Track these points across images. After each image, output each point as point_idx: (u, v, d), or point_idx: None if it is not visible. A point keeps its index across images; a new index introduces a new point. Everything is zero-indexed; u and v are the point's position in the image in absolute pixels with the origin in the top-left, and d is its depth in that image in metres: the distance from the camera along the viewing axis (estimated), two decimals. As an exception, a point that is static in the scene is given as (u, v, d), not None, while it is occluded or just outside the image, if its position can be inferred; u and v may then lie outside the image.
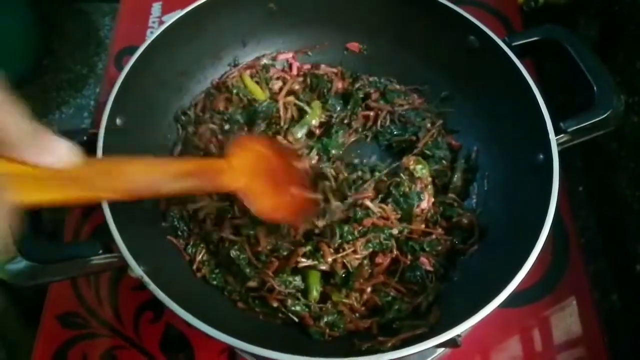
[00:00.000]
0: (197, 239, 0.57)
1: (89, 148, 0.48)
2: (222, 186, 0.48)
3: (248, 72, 0.68)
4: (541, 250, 0.47)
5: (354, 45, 0.71)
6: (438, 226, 0.59)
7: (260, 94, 0.66)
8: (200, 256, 0.56)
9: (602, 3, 0.79)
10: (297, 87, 0.68)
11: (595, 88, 0.53)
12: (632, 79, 0.69)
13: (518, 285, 0.45)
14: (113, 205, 0.46)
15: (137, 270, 0.43)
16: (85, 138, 0.50)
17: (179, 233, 0.58)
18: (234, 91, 0.65)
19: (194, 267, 0.56)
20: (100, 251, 0.45)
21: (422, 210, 0.59)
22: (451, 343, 0.44)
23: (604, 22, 0.78)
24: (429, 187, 0.60)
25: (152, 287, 0.43)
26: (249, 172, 0.49)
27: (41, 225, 0.46)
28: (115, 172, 0.39)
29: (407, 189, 0.58)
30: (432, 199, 0.60)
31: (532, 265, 0.46)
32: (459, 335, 0.43)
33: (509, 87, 0.57)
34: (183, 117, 0.64)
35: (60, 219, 0.69)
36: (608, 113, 0.51)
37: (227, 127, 0.63)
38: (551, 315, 0.62)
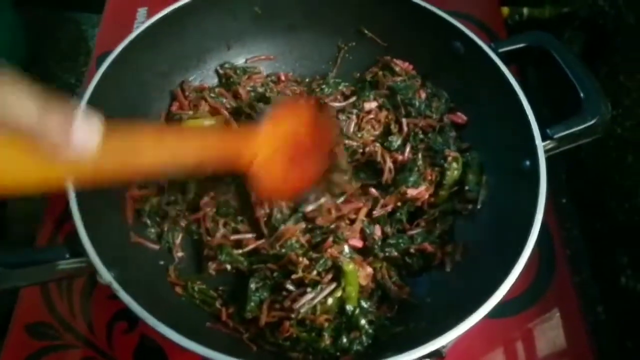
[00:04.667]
0: (172, 221, 0.57)
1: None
2: (240, 165, 0.45)
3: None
4: (528, 260, 0.46)
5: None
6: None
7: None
8: (179, 239, 0.55)
9: (587, 16, 0.80)
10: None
11: (582, 94, 0.53)
12: (615, 92, 0.69)
13: (504, 295, 0.44)
14: (83, 208, 0.44)
15: (105, 275, 0.41)
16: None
17: (150, 227, 0.57)
18: None
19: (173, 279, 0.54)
20: (67, 255, 0.43)
21: (408, 194, 0.58)
22: (436, 354, 0.42)
23: (588, 36, 0.79)
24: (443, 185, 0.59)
25: (122, 294, 0.41)
26: (273, 146, 0.47)
27: (6, 230, 0.44)
28: (127, 151, 0.35)
29: (415, 167, 0.59)
30: (427, 195, 0.59)
31: (519, 274, 0.45)
32: (443, 347, 0.42)
33: (495, 93, 0.56)
34: None
35: (33, 226, 0.67)
36: (596, 119, 0.51)
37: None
38: (537, 326, 0.61)
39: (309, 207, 0.56)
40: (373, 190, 0.59)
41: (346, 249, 0.53)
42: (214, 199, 0.58)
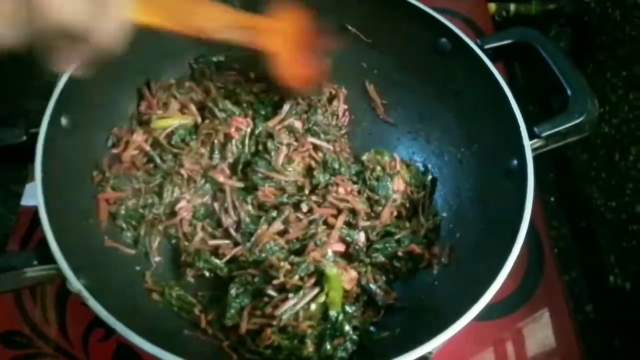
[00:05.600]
0: (149, 225, 0.55)
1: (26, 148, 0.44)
2: (261, 44, 0.54)
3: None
4: (515, 261, 0.45)
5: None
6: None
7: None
8: (156, 244, 0.54)
9: (573, 13, 0.79)
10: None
11: (569, 91, 0.52)
12: (602, 89, 0.69)
13: (492, 297, 0.43)
14: (52, 211, 0.42)
15: (75, 283, 0.39)
16: (24, 138, 0.46)
17: (126, 231, 0.55)
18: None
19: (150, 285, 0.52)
20: (36, 262, 0.41)
21: (395, 190, 0.59)
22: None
23: (575, 33, 0.79)
24: (402, 171, 0.61)
25: (92, 302, 0.39)
26: (286, 37, 0.56)
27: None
28: (194, 11, 0.47)
29: (380, 173, 0.60)
30: (404, 184, 0.60)
31: (507, 275, 0.44)
32: (430, 353, 0.40)
33: (481, 91, 0.55)
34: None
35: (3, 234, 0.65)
36: (583, 117, 0.50)
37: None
38: (526, 327, 0.61)
39: (276, 225, 0.55)
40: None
41: (330, 252, 0.51)
42: (190, 202, 0.56)
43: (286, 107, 0.63)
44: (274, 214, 0.56)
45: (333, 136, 0.65)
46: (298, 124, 0.63)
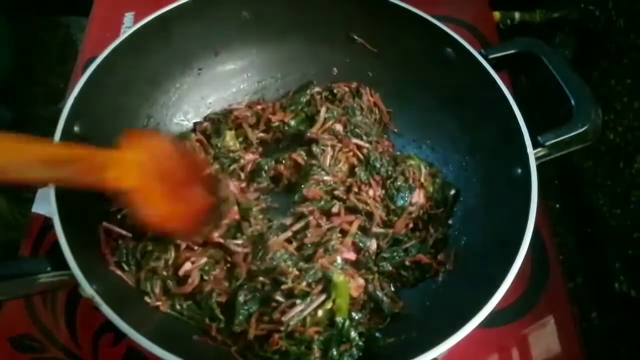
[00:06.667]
0: (150, 272, 0.52)
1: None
2: (105, 182, 0.42)
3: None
4: (520, 268, 0.45)
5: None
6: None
7: None
8: (158, 289, 0.51)
9: (578, 21, 0.80)
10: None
11: (572, 101, 0.52)
12: (607, 97, 0.69)
13: (497, 304, 0.43)
14: (66, 219, 0.43)
15: (88, 289, 0.40)
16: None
17: (127, 271, 0.52)
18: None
19: (154, 302, 0.51)
20: (49, 268, 0.42)
21: (413, 203, 0.59)
22: (428, 366, 0.42)
23: (579, 40, 0.79)
24: (425, 184, 0.60)
25: (104, 308, 0.40)
26: (142, 169, 0.45)
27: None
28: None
29: (401, 183, 0.59)
30: (425, 198, 0.60)
31: (512, 282, 0.44)
32: (435, 359, 0.41)
33: (485, 100, 0.56)
34: None
35: (16, 238, 0.65)
36: (586, 127, 0.51)
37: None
38: (531, 334, 0.61)
39: (296, 227, 0.55)
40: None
41: (338, 259, 0.52)
42: (195, 264, 0.53)
43: (323, 113, 0.64)
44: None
45: (376, 137, 0.65)
46: (339, 127, 0.64)
